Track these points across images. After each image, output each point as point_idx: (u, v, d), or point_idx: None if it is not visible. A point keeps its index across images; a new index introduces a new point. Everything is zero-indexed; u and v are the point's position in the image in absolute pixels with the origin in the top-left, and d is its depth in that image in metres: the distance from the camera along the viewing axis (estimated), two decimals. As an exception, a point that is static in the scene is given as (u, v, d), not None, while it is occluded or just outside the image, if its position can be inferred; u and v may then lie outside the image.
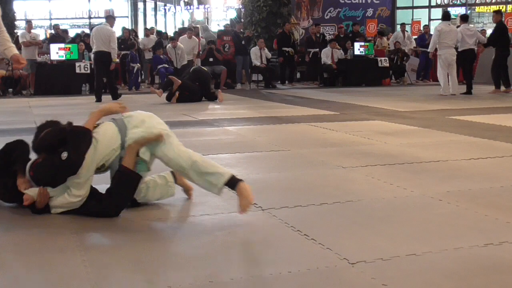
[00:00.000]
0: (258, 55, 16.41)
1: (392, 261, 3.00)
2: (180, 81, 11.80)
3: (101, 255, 3.17)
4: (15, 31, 20.32)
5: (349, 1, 23.39)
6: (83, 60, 15.33)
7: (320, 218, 3.83)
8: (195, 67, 12.80)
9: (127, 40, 16.92)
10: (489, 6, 25.57)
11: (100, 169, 3.93)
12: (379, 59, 17.42)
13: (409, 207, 4.05)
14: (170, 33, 21.87)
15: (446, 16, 14.05)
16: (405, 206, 4.07)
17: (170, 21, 35.58)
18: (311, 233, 3.46)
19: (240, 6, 24.14)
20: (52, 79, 14.69)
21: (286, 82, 17.59)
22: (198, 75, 12.26)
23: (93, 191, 3.92)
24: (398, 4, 25.38)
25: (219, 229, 3.60)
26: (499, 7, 22.26)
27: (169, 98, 11.96)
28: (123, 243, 3.36)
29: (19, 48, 15.17)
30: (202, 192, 4.48)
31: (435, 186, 4.60)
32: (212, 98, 12.17)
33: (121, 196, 3.87)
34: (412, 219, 3.74)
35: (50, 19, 30.54)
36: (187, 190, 4.33)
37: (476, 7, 26.67)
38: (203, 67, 12.98)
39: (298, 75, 18.72)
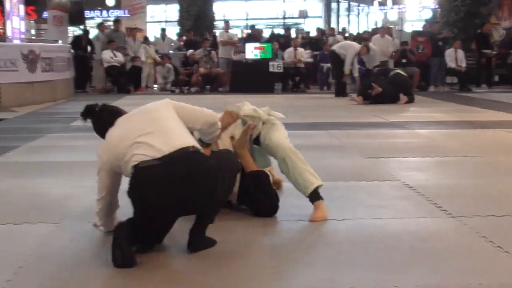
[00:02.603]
0: (453, 57, 15.79)
1: None
2: (381, 89, 11.63)
3: (284, 250, 3.22)
4: (214, 31, 21.41)
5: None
6: (277, 59, 15.73)
7: (516, 230, 3.60)
8: (394, 72, 12.51)
9: (320, 40, 17.10)
10: None
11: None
12: None
13: None
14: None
15: None
16: None
17: (363, 22, 35.43)
18: (505, 245, 3.26)
19: (436, 6, 23.39)
20: (247, 77, 15.23)
21: (483, 85, 16.74)
22: (397, 80, 12.02)
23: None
24: None
25: (407, 233, 3.52)
26: None
27: (365, 98, 11.83)
28: (308, 240, 3.39)
29: (216, 47, 15.99)
30: (389, 196, 4.42)
31: None
32: (410, 100, 11.91)
33: (268, 195, 3.93)
34: None
35: (247, 19, 31.75)
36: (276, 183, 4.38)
37: None
38: (401, 72, 12.66)
39: (497, 78, 17.72)
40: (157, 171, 3.01)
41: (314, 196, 3.87)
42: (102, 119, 3.38)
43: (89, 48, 15.82)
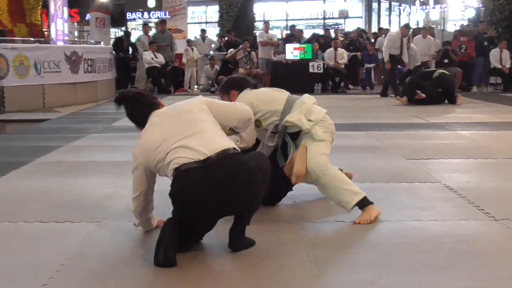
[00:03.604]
0: (498, 57, 15.51)
1: None
2: (424, 95, 11.47)
3: (324, 252, 3.21)
4: (254, 31, 21.45)
5: None
6: (317, 60, 15.68)
7: (562, 234, 3.52)
8: (438, 73, 12.34)
9: (356, 41, 17.01)
10: None
11: (256, 126, 3.99)
12: None
13: None
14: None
15: None
16: None
17: (404, 22, 35.07)
18: (550, 249, 3.19)
19: (480, 5, 23.02)
20: (286, 78, 15.19)
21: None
22: (442, 81, 11.87)
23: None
24: None
25: (448, 235, 3.47)
26: None
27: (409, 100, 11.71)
28: (348, 242, 3.38)
29: (256, 48, 16.00)
30: (430, 197, 4.36)
31: None
32: (453, 101, 11.75)
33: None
34: None
35: (287, 20, 31.72)
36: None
37: None
38: (446, 72, 12.48)
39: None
40: (198, 173, 3.02)
41: (360, 206, 3.79)
42: (136, 106, 3.43)
43: (130, 49, 16.01)
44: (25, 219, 3.85)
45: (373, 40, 17.76)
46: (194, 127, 3.20)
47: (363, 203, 3.78)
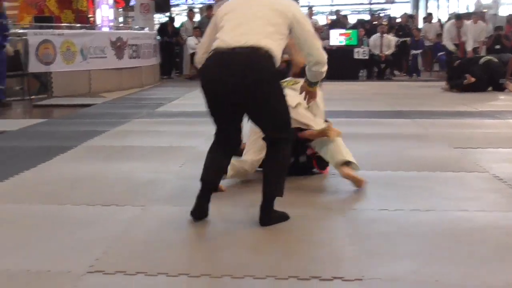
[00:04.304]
0: (552, 42, 15.06)
1: None
2: (474, 79, 11.28)
3: (366, 240, 3.19)
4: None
5: None
6: (362, 46, 15.51)
7: None
8: (485, 58, 12.09)
9: (405, 26, 16.74)
10: None
11: None
12: None
13: None
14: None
15: None
16: None
17: (453, 6, 34.39)
18: None
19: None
20: (331, 64, 14.85)
21: None
22: (489, 68, 11.63)
23: None
24: None
25: (495, 227, 3.39)
26: None
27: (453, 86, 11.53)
28: (390, 230, 3.34)
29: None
30: (477, 187, 4.28)
31: None
32: (500, 89, 11.50)
33: None
34: None
35: (331, 5, 31.40)
36: (355, 182, 4.22)
37: None
38: (493, 58, 12.22)
39: None
40: (217, 57, 3.30)
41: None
42: None
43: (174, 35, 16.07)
44: (72, 202, 3.92)
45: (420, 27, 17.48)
46: (252, 18, 3.38)
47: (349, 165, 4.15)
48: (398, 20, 18.52)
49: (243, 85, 3.24)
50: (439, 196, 4.03)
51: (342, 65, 14.96)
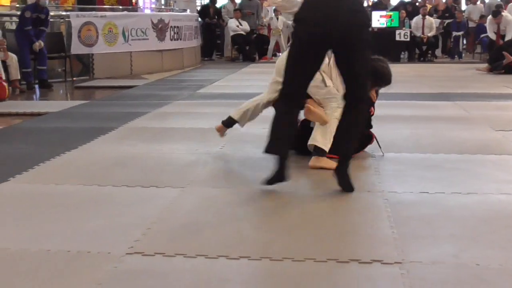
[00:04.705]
0: None
1: None
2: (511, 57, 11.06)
3: (407, 223, 3.17)
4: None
5: None
6: (404, 28, 15.30)
7: None
8: None
9: (452, 7, 16.47)
10: None
11: None
12: None
13: None
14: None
15: None
16: None
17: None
18: None
19: None
20: (372, 46, 14.91)
21: None
22: None
23: None
24: None
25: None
26: None
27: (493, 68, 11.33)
28: (431, 214, 3.31)
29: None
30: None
31: None
32: None
33: None
34: None
35: (374, -14, 30.93)
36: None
37: None
38: None
39: None
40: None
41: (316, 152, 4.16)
42: None
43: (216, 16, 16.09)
44: (113, 183, 3.98)
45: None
46: None
47: (319, 153, 4.14)
48: (444, 0, 18.21)
49: (350, 28, 3.40)
50: (480, 179, 3.98)
51: (384, 47, 14.76)
